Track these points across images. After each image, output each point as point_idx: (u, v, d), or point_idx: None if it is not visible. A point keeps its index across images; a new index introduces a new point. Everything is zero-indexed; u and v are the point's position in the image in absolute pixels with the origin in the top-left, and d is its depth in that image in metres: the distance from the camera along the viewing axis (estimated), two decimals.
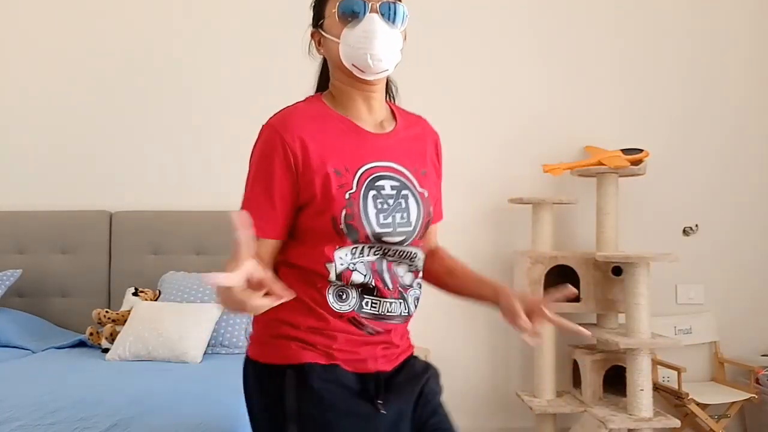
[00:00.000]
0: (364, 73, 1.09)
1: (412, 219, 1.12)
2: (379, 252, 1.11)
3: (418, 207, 1.13)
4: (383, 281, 1.11)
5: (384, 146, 1.14)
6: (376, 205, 1.08)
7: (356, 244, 1.09)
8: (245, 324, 2.42)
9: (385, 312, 1.12)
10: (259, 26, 2.97)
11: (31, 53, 3.02)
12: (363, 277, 1.09)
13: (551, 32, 2.99)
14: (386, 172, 1.12)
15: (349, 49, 1.08)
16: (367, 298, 1.11)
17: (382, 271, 1.12)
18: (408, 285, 1.16)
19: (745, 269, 2.96)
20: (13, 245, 2.83)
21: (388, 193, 1.11)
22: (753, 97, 3.00)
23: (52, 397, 1.65)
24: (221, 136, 2.96)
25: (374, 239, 1.09)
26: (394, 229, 1.10)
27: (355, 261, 1.09)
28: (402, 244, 1.12)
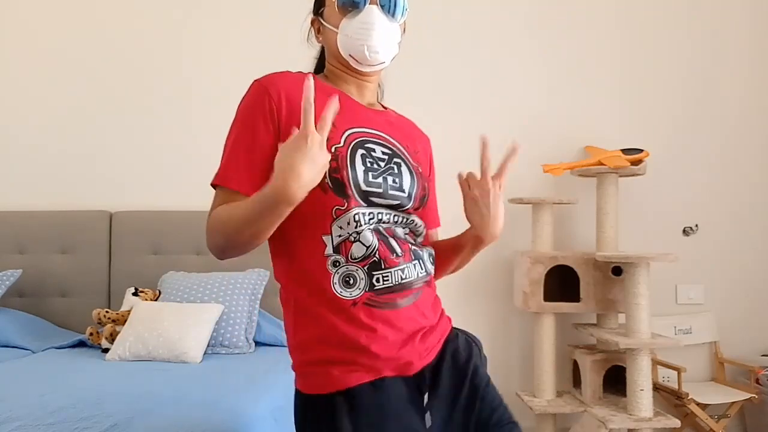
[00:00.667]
0: (361, 65, 1.09)
1: (405, 186, 1.08)
2: (380, 218, 1.04)
3: (411, 176, 1.10)
4: (390, 248, 1.04)
5: (376, 118, 1.13)
6: (364, 163, 1.04)
7: (351, 210, 1.01)
8: (245, 324, 2.42)
9: (399, 281, 1.04)
10: (259, 26, 2.97)
11: (32, 53, 3.02)
12: (365, 248, 1.02)
13: (551, 32, 2.99)
14: (377, 139, 1.09)
15: (346, 39, 1.08)
16: (376, 274, 1.03)
17: (387, 237, 1.05)
18: (419, 245, 1.12)
19: (745, 269, 2.96)
20: (13, 245, 2.83)
21: (379, 156, 1.07)
22: (753, 97, 3.00)
23: (52, 397, 1.65)
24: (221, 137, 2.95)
25: (362, 199, 1.02)
26: (386, 190, 1.04)
27: (359, 229, 1.02)
28: (396, 209, 1.07)
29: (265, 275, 2.61)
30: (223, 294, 2.45)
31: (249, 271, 2.62)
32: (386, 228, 1.06)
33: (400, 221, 1.08)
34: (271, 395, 1.81)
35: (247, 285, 2.52)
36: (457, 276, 1.76)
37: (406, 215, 1.09)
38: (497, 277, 2.92)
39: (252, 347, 2.39)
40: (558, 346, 2.72)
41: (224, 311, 2.38)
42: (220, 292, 2.45)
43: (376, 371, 1.03)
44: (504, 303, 2.93)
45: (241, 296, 2.46)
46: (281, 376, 2.04)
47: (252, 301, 2.49)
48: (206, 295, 2.44)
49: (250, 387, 1.83)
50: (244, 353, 2.35)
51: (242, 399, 1.70)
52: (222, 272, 2.61)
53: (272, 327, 2.54)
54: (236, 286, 2.49)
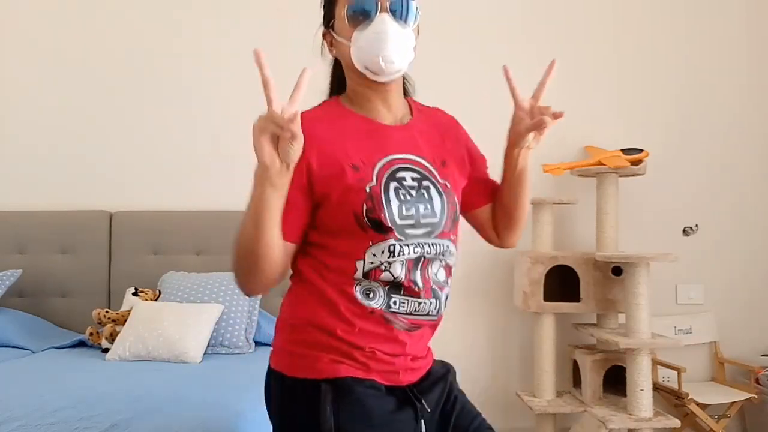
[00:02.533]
0: (378, 76, 1.07)
1: (436, 210, 1.09)
2: (416, 249, 1.07)
3: (441, 198, 1.10)
4: (413, 281, 1.07)
5: (402, 139, 1.12)
6: (398, 197, 1.05)
7: (388, 241, 1.04)
8: (245, 324, 2.42)
9: (413, 311, 1.08)
10: (260, 26, 2.97)
11: (32, 53, 3.02)
12: (393, 277, 1.05)
13: (551, 32, 2.99)
14: (406, 164, 1.09)
15: (360, 52, 1.06)
16: (395, 297, 1.06)
17: (416, 269, 1.07)
18: (442, 282, 1.12)
19: (745, 269, 2.96)
20: (13, 245, 2.83)
21: (410, 184, 1.08)
22: (753, 97, 3.00)
23: (52, 397, 1.65)
24: (222, 137, 2.96)
25: (398, 232, 1.04)
26: (417, 220, 1.06)
27: (391, 260, 1.05)
28: (430, 236, 1.08)
29: None
30: (223, 294, 2.45)
31: None
32: (420, 260, 1.07)
33: (435, 251, 1.09)
34: None
35: None
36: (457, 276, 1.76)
37: (440, 242, 1.10)
38: (497, 277, 2.92)
39: (252, 347, 2.39)
40: (558, 346, 2.72)
41: (224, 311, 2.38)
42: (220, 292, 2.45)
43: (367, 370, 1.05)
44: (504, 303, 2.93)
45: (241, 296, 2.46)
46: None
47: (252, 301, 2.49)
48: (206, 295, 2.44)
49: (250, 387, 1.83)
50: (244, 353, 2.35)
51: (242, 399, 1.70)
52: (222, 272, 2.61)
53: (272, 327, 2.51)
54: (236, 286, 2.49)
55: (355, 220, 1.03)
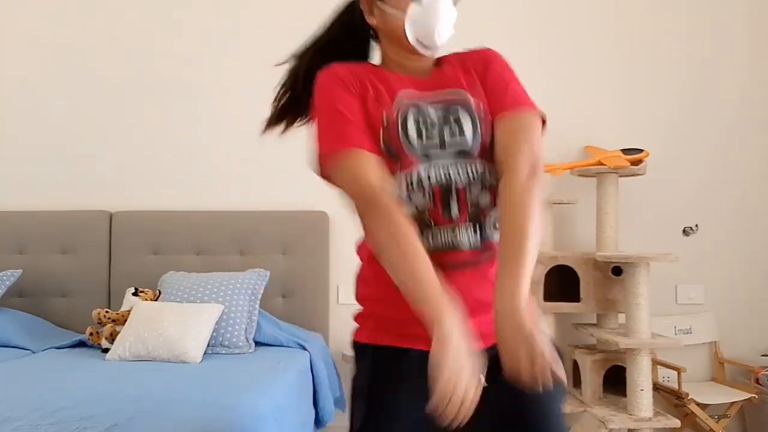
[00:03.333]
0: (428, 50, 1.09)
1: (466, 130, 1.04)
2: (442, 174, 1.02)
3: (472, 118, 1.06)
4: (447, 208, 1.01)
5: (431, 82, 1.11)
6: (417, 123, 1.04)
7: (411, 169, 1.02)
8: (245, 324, 2.42)
9: (447, 243, 1.01)
10: (261, 26, 2.97)
11: (32, 53, 3.02)
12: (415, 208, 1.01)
13: (551, 32, 2.99)
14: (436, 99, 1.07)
15: (415, 25, 1.07)
16: (426, 231, 1.01)
17: (449, 195, 1.02)
18: (486, 205, 1.04)
19: (745, 269, 2.96)
20: (13, 245, 2.83)
21: (433, 118, 1.05)
22: (753, 97, 3.00)
23: (52, 397, 1.65)
24: (222, 136, 2.96)
25: (421, 155, 1.02)
26: (442, 142, 1.03)
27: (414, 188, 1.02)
28: (461, 157, 1.03)
29: (266, 275, 2.61)
30: (223, 294, 2.45)
31: (249, 271, 2.62)
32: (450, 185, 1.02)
33: (471, 172, 1.03)
34: (271, 395, 1.81)
35: (247, 285, 2.52)
36: None
37: (474, 165, 1.04)
38: None
39: (252, 347, 2.39)
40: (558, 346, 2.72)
41: (224, 311, 2.38)
42: (220, 292, 2.45)
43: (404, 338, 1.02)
44: None
45: (241, 296, 2.46)
46: (281, 376, 2.04)
47: (252, 301, 2.49)
48: (206, 295, 2.44)
49: (250, 387, 1.83)
50: (244, 353, 2.34)
51: (242, 399, 1.70)
52: (222, 272, 2.61)
53: (272, 327, 2.54)
54: (236, 286, 2.49)
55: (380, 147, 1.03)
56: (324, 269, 2.78)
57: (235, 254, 2.80)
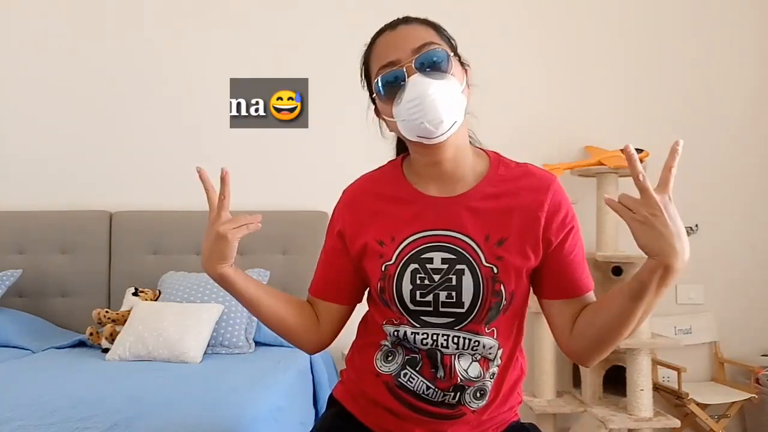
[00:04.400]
0: (433, 139, 0.99)
1: (464, 298, 0.98)
2: (437, 340, 0.99)
3: (475, 284, 0.98)
4: (435, 369, 1.02)
5: (448, 211, 1.02)
6: (414, 281, 0.99)
7: (402, 326, 1.02)
8: (245, 324, 2.42)
9: (420, 392, 1.02)
10: (261, 28, 2.97)
11: (31, 52, 3.02)
12: (404, 358, 1.05)
13: (551, 32, 2.99)
14: (441, 242, 1.00)
15: (406, 125, 0.99)
16: (408, 370, 1.03)
17: (435, 362, 1.01)
18: (474, 378, 1.02)
19: (745, 269, 2.96)
20: (13, 245, 2.83)
21: (436, 267, 0.99)
22: (753, 97, 2.99)
23: (52, 397, 1.65)
24: (222, 136, 2.95)
25: (412, 319, 1.00)
26: (436, 308, 0.99)
27: (400, 339, 1.04)
28: (453, 327, 0.99)
29: (265, 275, 2.61)
30: (223, 294, 2.43)
31: (249, 271, 2.61)
32: (435, 353, 1.01)
33: (459, 345, 1.00)
34: (271, 395, 1.81)
35: None
36: None
37: (467, 336, 1.00)
38: None
39: (252, 347, 2.39)
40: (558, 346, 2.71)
41: (224, 311, 2.38)
42: (220, 292, 2.45)
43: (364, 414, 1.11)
44: None
45: None
46: (281, 376, 2.04)
47: None
48: (206, 295, 2.44)
49: (250, 387, 1.83)
50: (244, 353, 2.34)
51: (242, 399, 1.70)
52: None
53: None
54: None
55: (376, 295, 1.05)
56: None
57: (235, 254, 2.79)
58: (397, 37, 1.02)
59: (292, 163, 2.93)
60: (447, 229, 1.01)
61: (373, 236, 1.05)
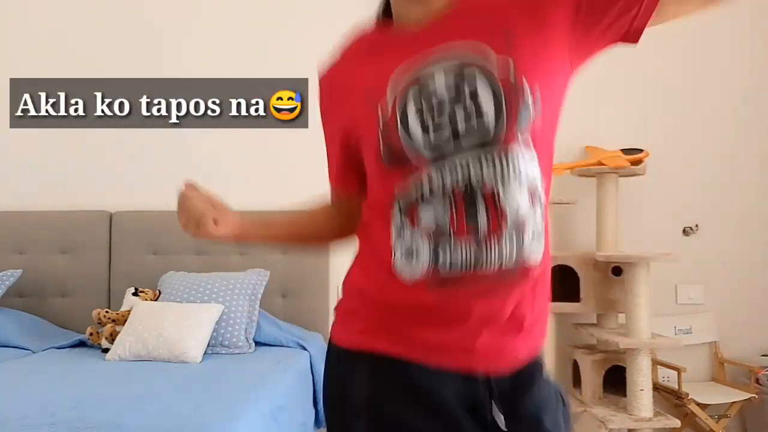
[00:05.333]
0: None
1: (485, 110, 0.78)
2: (460, 176, 0.78)
3: (493, 86, 0.78)
4: (474, 218, 0.78)
5: (437, 32, 0.84)
6: (419, 107, 0.80)
7: (420, 172, 0.80)
8: (245, 324, 2.42)
9: (467, 261, 0.78)
10: (261, 26, 2.97)
11: (31, 52, 3.02)
12: (434, 224, 0.79)
13: None
14: (442, 56, 0.81)
15: None
16: (442, 248, 0.79)
17: (475, 202, 0.78)
18: (524, 215, 0.79)
19: (745, 269, 2.96)
20: (13, 245, 2.83)
21: (441, 93, 0.79)
22: (753, 97, 2.99)
23: (52, 397, 1.65)
24: (222, 136, 2.95)
25: (431, 155, 0.79)
26: (455, 131, 0.78)
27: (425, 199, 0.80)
28: (485, 147, 0.78)
29: (266, 275, 2.61)
30: (223, 294, 2.45)
31: (249, 271, 2.62)
32: (473, 187, 0.78)
33: (506, 168, 0.78)
34: (271, 395, 1.81)
35: (247, 285, 2.52)
36: None
37: (507, 155, 0.79)
38: None
39: (252, 347, 2.39)
40: (558, 346, 2.72)
41: (224, 311, 2.38)
42: (220, 292, 2.45)
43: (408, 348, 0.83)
44: None
45: (241, 296, 2.46)
46: (281, 376, 2.04)
47: (252, 301, 2.49)
48: (206, 295, 2.44)
49: (250, 387, 1.83)
50: (244, 353, 2.34)
51: (242, 399, 1.70)
52: (222, 272, 2.61)
53: (272, 327, 2.54)
54: (236, 286, 2.49)
55: (375, 154, 0.83)
56: (324, 269, 2.77)
57: (235, 254, 2.80)
58: None
59: (292, 163, 2.93)
60: (442, 43, 0.82)
61: (363, 89, 0.86)
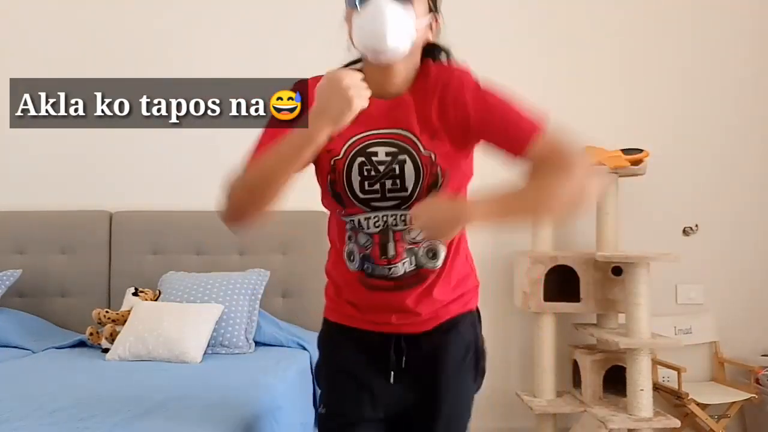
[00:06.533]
0: (378, 59, 1.09)
1: (407, 183, 1.10)
2: (386, 220, 1.13)
3: (417, 171, 1.10)
4: (384, 252, 1.14)
5: (389, 113, 1.12)
6: (362, 173, 1.11)
7: (355, 215, 1.14)
8: (245, 324, 2.42)
9: (383, 275, 1.15)
10: (261, 27, 2.97)
11: (31, 52, 3.02)
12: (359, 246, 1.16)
13: (551, 32, 2.99)
14: (385, 138, 1.11)
15: (357, 35, 1.08)
16: (367, 264, 1.16)
17: (387, 242, 1.14)
18: (420, 239, 1.15)
19: (745, 269, 2.96)
20: (13, 245, 2.83)
21: (381, 159, 1.10)
22: (753, 97, 3.00)
23: (52, 397, 1.65)
24: (221, 136, 2.95)
25: (363, 205, 1.12)
26: (383, 195, 1.11)
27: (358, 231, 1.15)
28: (399, 208, 1.12)
29: (266, 275, 2.61)
30: (223, 294, 2.45)
31: (249, 271, 2.62)
32: (387, 231, 1.13)
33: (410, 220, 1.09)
34: (271, 395, 1.81)
35: (247, 285, 2.52)
36: None
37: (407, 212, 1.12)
38: (497, 277, 2.92)
39: (252, 347, 2.39)
40: (558, 346, 2.72)
41: (224, 311, 2.38)
42: (220, 292, 2.45)
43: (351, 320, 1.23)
44: (504, 303, 2.92)
45: (241, 296, 2.46)
46: (281, 376, 2.04)
47: (252, 301, 2.49)
48: (206, 295, 2.44)
49: (250, 387, 1.83)
50: (244, 353, 2.34)
51: (242, 399, 1.70)
52: (222, 272, 2.61)
53: (272, 327, 2.54)
54: (236, 286, 2.49)
55: (327, 188, 1.15)
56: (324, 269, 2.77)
57: (235, 254, 2.80)
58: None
59: None
60: (388, 128, 1.12)
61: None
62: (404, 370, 1.20)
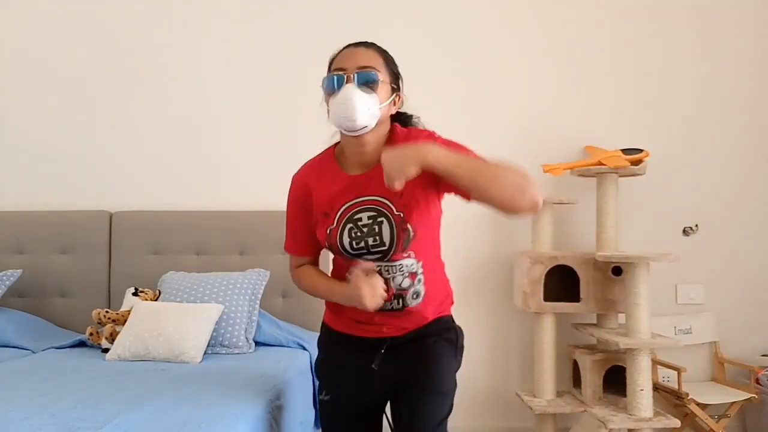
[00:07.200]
0: (348, 132, 1.35)
1: (385, 240, 1.39)
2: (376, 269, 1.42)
3: (391, 228, 1.39)
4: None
5: (366, 184, 1.41)
6: (350, 235, 1.41)
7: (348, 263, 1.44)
8: (245, 324, 2.42)
9: (379, 309, 1.41)
10: (261, 25, 2.97)
11: (31, 52, 3.02)
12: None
13: (552, 32, 2.99)
14: (367, 204, 1.40)
15: (332, 114, 1.35)
16: None
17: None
18: (406, 287, 1.45)
19: (745, 269, 2.97)
20: (13, 245, 2.83)
21: (365, 223, 1.40)
22: (754, 96, 3.00)
23: (52, 397, 1.65)
24: (221, 136, 2.96)
25: (354, 258, 1.42)
26: (368, 250, 1.41)
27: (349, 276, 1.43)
28: (383, 259, 1.42)
29: (266, 275, 2.61)
30: (223, 294, 2.45)
31: (249, 271, 2.61)
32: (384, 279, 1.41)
33: (394, 269, 1.42)
34: (271, 395, 1.81)
35: (247, 285, 2.52)
36: (457, 275, 1.76)
37: (395, 262, 1.42)
38: (497, 277, 2.92)
39: (252, 347, 2.39)
40: (558, 346, 2.72)
41: (224, 311, 2.38)
42: (220, 292, 2.45)
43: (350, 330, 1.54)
44: (504, 303, 2.93)
45: (241, 296, 2.46)
46: (281, 376, 2.04)
47: (252, 301, 2.49)
48: (206, 295, 2.44)
49: (250, 387, 1.83)
50: (244, 353, 2.34)
51: (242, 399, 1.70)
52: (222, 272, 2.60)
53: (272, 327, 2.54)
54: (236, 286, 2.49)
55: (325, 245, 1.48)
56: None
57: (235, 254, 2.80)
58: (354, 54, 1.37)
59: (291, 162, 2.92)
60: (367, 195, 1.41)
61: (317, 209, 1.46)
62: (392, 354, 1.49)
